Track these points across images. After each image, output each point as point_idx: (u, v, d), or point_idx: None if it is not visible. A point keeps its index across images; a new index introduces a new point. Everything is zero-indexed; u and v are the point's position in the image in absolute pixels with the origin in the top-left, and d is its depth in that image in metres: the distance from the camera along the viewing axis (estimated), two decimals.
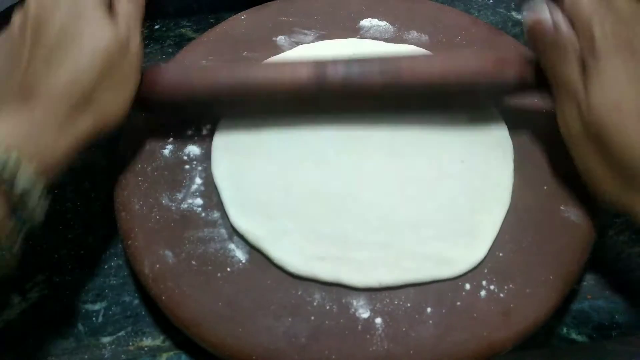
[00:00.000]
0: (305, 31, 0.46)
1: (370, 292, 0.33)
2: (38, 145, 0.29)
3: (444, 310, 0.33)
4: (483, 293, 0.33)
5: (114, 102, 0.33)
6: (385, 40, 0.45)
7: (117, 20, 0.33)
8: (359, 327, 0.32)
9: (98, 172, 0.41)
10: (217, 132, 0.40)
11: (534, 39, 0.34)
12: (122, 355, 0.34)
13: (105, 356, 0.34)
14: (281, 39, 0.45)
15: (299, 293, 0.33)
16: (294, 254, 0.34)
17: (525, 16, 0.33)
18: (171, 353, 0.34)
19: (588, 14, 0.31)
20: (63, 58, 0.31)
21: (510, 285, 0.34)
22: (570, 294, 0.35)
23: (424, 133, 0.39)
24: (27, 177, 0.27)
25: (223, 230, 0.36)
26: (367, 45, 0.44)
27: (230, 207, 0.36)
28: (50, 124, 0.29)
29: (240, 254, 0.35)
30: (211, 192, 0.37)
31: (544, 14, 0.33)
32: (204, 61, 0.43)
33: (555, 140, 0.39)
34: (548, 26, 0.32)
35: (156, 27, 0.51)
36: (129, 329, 0.35)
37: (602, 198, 0.33)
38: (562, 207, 0.36)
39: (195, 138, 0.39)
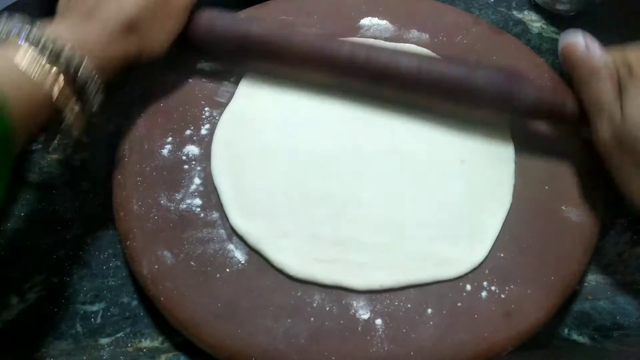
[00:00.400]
0: (305, 30, 0.45)
1: (370, 293, 0.33)
2: (94, 50, 0.34)
3: (444, 311, 0.33)
4: (484, 294, 0.33)
5: (157, 33, 0.38)
6: (386, 39, 0.45)
7: None
8: (359, 328, 0.32)
9: (96, 172, 0.41)
10: (216, 132, 0.39)
11: (567, 58, 0.36)
12: (121, 357, 0.34)
13: (104, 357, 0.34)
14: None
15: (299, 294, 0.33)
16: (294, 256, 0.34)
17: (560, 41, 0.36)
18: (170, 354, 0.34)
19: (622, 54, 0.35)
20: None
21: (511, 286, 0.33)
22: (572, 295, 0.35)
23: (425, 134, 0.39)
24: (87, 71, 0.33)
25: (222, 231, 0.35)
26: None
27: (230, 207, 0.36)
28: (104, 36, 0.35)
29: (239, 255, 0.35)
30: (210, 193, 0.37)
31: (578, 38, 0.35)
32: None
33: (556, 140, 0.39)
34: (581, 47, 0.35)
35: None
36: (128, 330, 0.35)
37: (636, 204, 0.33)
38: (563, 208, 0.36)
39: (194, 138, 0.39)
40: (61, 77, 0.32)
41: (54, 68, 0.32)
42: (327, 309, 0.33)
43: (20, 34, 0.31)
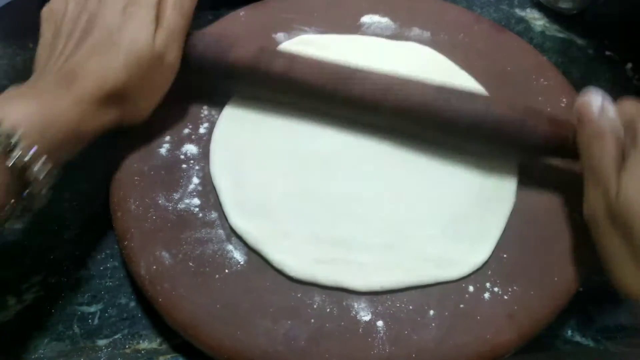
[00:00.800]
0: (305, 28, 0.45)
1: (371, 294, 0.33)
2: (61, 127, 0.31)
3: (446, 313, 0.32)
4: (487, 295, 0.33)
5: (139, 105, 0.36)
6: (387, 37, 0.45)
7: (157, 32, 0.35)
8: (360, 330, 0.32)
9: (94, 171, 0.40)
10: (215, 131, 0.39)
11: (578, 115, 0.33)
12: (119, 358, 0.34)
13: (102, 359, 0.34)
14: (280, 36, 0.44)
15: (299, 295, 0.33)
16: (294, 257, 0.34)
17: (579, 96, 0.34)
18: (168, 356, 0.34)
19: (635, 110, 0.32)
20: (102, 55, 0.33)
21: (515, 287, 0.33)
22: (575, 296, 0.35)
23: (427, 133, 0.39)
24: (40, 166, 0.30)
25: (221, 231, 0.35)
26: (369, 42, 0.44)
27: (229, 207, 0.36)
28: (78, 109, 0.32)
29: (238, 255, 0.34)
30: (208, 192, 0.37)
31: (595, 97, 0.33)
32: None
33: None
34: (595, 105, 0.32)
35: None
36: (125, 331, 0.35)
37: (621, 287, 0.30)
38: (567, 208, 0.36)
39: (193, 137, 0.39)
40: (4, 176, 0.28)
41: (5, 160, 0.28)
42: (328, 310, 0.32)
43: None
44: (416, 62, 0.43)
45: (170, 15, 0.36)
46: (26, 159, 0.29)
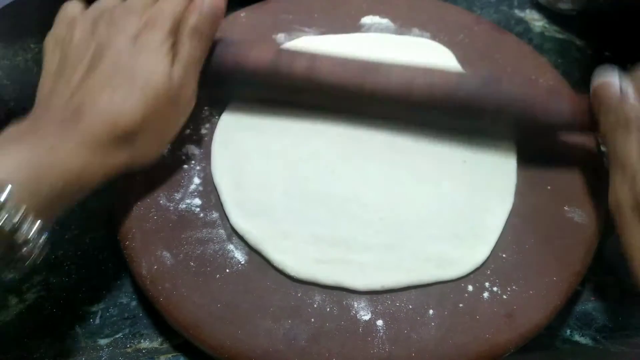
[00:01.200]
0: (305, 29, 0.45)
1: (371, 294, 0.33)
2: (64, 172, 0.28)
3: (446, 312, 0.32)
4: (486, 295, 0.33)
5: (153, 144, 0.33)
6: None
7: (175, 64, 0.32)
8: (360, 329, 0.32)
9: None
10: (216, 131, 0.39)
11: (598, 101, 0.32)
12: (120, 358, 0.34)
13: (103, 358, 0.34)
14: (281, 37, 0.44)
15: (299, 295, 0.33)
16: (294, 257, 0.34)
17: (593, 78, 0.32)
18: (169, 355, 0.34)
19: None
20: (114, 90, 0.30)
21: (514, 287, 0.33)
22: (574, 296, 0.35)
23: (426, 134, 0.39)
24: (29, 225, 0.27)
25: (222, 231, 0.35)
26: (370, 40, 0.44)
27: (230, 207, 0.36)
28: (82, 155, 0.29)
29: (239, 255, 0.34)
30: (210, 192, 0.37)
31: (613, 79, 0.32)
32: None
33: (559, 140, 0.38)
34: (614, 90, 0.31)
35: None
36: (127, 331, 0.35)
37: None
38: (566, 208, 0.36)
39: (194, 137, 0.39)
40: None
41: None
42: (328, 309, 0.32)
43: None
44: (418, 59, 0.43)
45: (189, 45, 0.32)
46: (14, 220, 0.26)
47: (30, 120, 0.30)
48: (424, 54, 0.44)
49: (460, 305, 0.33)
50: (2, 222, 0.26)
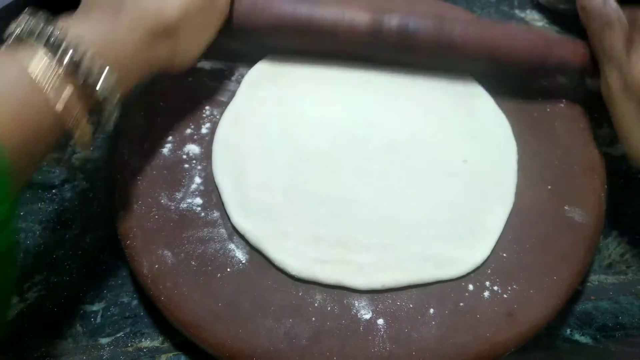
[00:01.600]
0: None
1: (372, 293, 0.33)
2: (119, 55, 0.30)
3: (446, 311, 0.32)
4: (486, 294, 0.33)
5: (192, 42, 0.35)
6: None
7: None
8: (361, 328, 0.32)
9: (96, 171, 0.40)
10: (217, 131, 0.39)
11: (583, 8, 0.38)
12: (121, 357, 0.34)
13: (104, 357, 0.34)
14: None
15: (300, 294, 0.33)
16: (295, 256, 0.34)
17: None
18: (170, 354, 0.34)
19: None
20: None
21: (514, 286, 0.33)
22: (574, 295, 0.35)
23: (427, 133, 0.39)
24: (108, 86, 0.29)
25: (223, 230, 0.35)
26: None
27: (231, 206, 0.36)
28: (133, 38, 0.31)
29: (240, 254, 0.34)
30: (211, 192, 0.37)
31: None
32: None
33: (559, 140, 0.39)
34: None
35: None
36: (128, 330, 0.35)
37: (634, 155, 0.35)
38: (566, 207, 0.36)
39: (195, 137, 0.39)
40: (76, 92, 0.28)
41: (70, 81, 0.28)
42: (329, 309, 0.32)
43: (40, 35, 0.28)
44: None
45: None
46: (93, 73, 0.28)
47: (81, 8, 0.32)
48: None
49: (461, 304, 0.33)
50: (84, 69, 0.28)
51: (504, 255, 0.35)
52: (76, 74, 0.28)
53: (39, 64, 0.27)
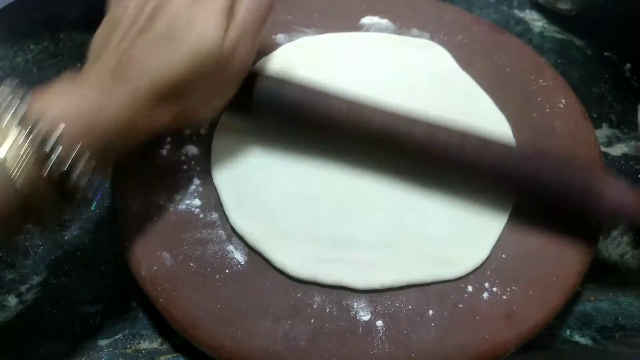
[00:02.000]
0: (305, 29, 0.45)
1: (371, 294, 0.33)
2: (112, 124, 0.29)
3: (446, 313, 0.32)
4: (485, 295, 0.33)
5: (202, 105, 0.33)
6: None
7: (229, 29, 0.32)
8: (360, 329, 0.32)
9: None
10: (216, 132, 0.39)
11: None
12: (120, 358, 0.34)
13: (103, 359, 0.34)
14: (280, 37, 0.44)
15: (299, 295, 0.33)
16: (294, 256, 0.34)
17: None
18: (169, 356, 0.34)
19: None
20: (163, 49, 0.30)
21: (513, 287, 0.33)
22: (574, 296, 0.35)
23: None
24: (83, 167, 0.27)
25: (221, 232, 0.35)
26: (370, 40, 0.44)
27: (230, 208, 0.36)
28: (132, 103, 0.29)
29: (239, 256, 0.34)
30: (209, 193, 0.37)
31: None
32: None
33: (559, 140, 0.38)
34: None
35: None
36: (127, 331, 0.35)
37: None
38: (566, 208, 0.36)
39: (194, 138, 0.39)
40: (46, 179, 0.26)
41: (41, 166, 0.26)
42: (328, 310, 0.32)
43: (13, 114, 0.26)
44: (418, 61, 0.43)
45: (246, 9, 0.32)
46: (67, 162, 0.27)
47: (84, 70, 0.31)
48: (423, 54, 0.44)
49: (460, 305, 0.33)
50: (56, 157, 0.26)
51: (504, 256, 0.35)
52: (48, 159, 0.26)
53: (9, 147, 0.25)
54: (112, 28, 0.32)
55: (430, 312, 0.32)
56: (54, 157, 0.26)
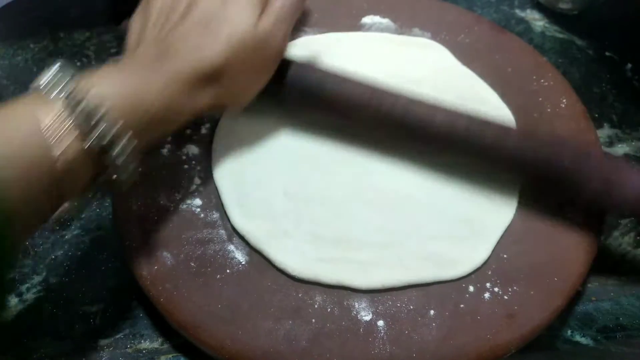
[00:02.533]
0: (306, 29, 0.45)
1: (372, 294, 0.33)
2: (151, 107, 0.29)
3: (447, 313, 0.32)
4: (487, 295, 0.33)
5: (240, 89, 0.34)
6: None
7: (263, 16, 0.33)
8: (361, 329, 0.32)
9: None
10: (217, 132, 0.39)
11: None
12: (120, 358, 0.34)
13: (103, 359, 0.34)
14: None
15: (300, 295, 0.33)
16: (295, 256, 0.34)
17: None
18: (170, 356, 0.34)
19: None
20: (203, 33, 0.32)
21: (515, 287, 0.33)
22: (575, 296, 0.35)
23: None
24: (124, 146, 0.28)
25: (222, 231, 0.35)
26: (373, 38, 0.44)
27: (231, 207, 0.36)
28: (171, 89, 0.30)
29: (239, 256, 0.34)
30: (210, 193, 0.37)
31: None
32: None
33: (561, 140, 0.38)
34: None
35: None
36: (127, 331, 0.35)
37: None
38: (567, 208, 0.36)
39: (194, 137, 0.39)
40: (85, 154, 0.27)
41: (84, 140, 0.26)
42: (329, 310, 0.32)
43: (60, 89, 0.27)
44: (419, 61, 0.43)
45: None
46: (108, 137, 0.27)
47: (126, 54, 0.33)
48: (424, 54, 0.44)
49: (461, 305, 0.33)
50: (99, 132, 0.27)
51: (505, 256, 0.34)
52: (90, 136, 0.27)
53: (52, 122, 0.26)
54: (149, 15, 0.33)
55: (432, 312, 0.32)
56: (96, 131, 0.27)
